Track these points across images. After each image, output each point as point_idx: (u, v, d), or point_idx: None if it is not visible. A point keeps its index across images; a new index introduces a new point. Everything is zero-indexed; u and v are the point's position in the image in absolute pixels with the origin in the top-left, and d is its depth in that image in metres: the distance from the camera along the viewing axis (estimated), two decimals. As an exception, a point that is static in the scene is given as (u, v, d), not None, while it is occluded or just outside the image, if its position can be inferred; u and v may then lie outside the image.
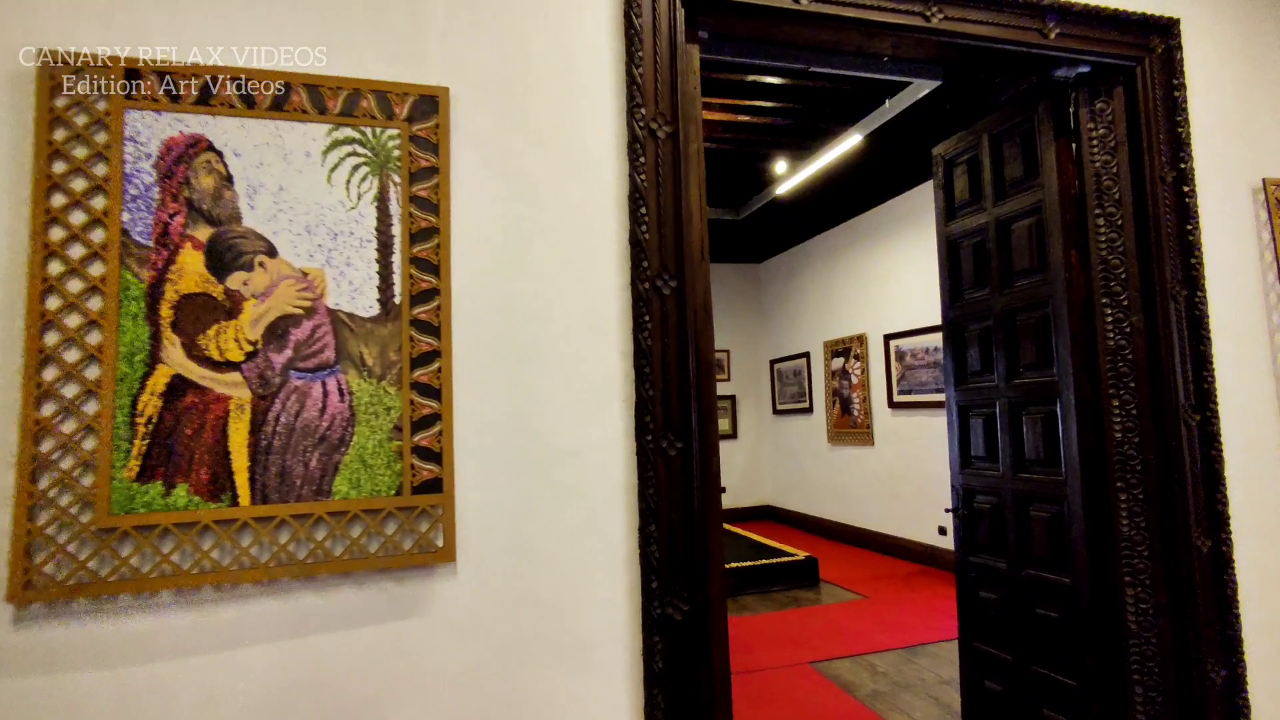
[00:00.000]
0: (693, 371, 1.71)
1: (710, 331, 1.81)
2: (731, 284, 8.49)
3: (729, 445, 8.28)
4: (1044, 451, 2.38)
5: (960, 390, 2.78)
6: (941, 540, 5.50)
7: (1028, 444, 2.45)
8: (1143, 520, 2.14)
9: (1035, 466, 2.42)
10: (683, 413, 1.70)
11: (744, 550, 5.63)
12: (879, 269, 6.30)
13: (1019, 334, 2.50)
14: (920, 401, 5.71)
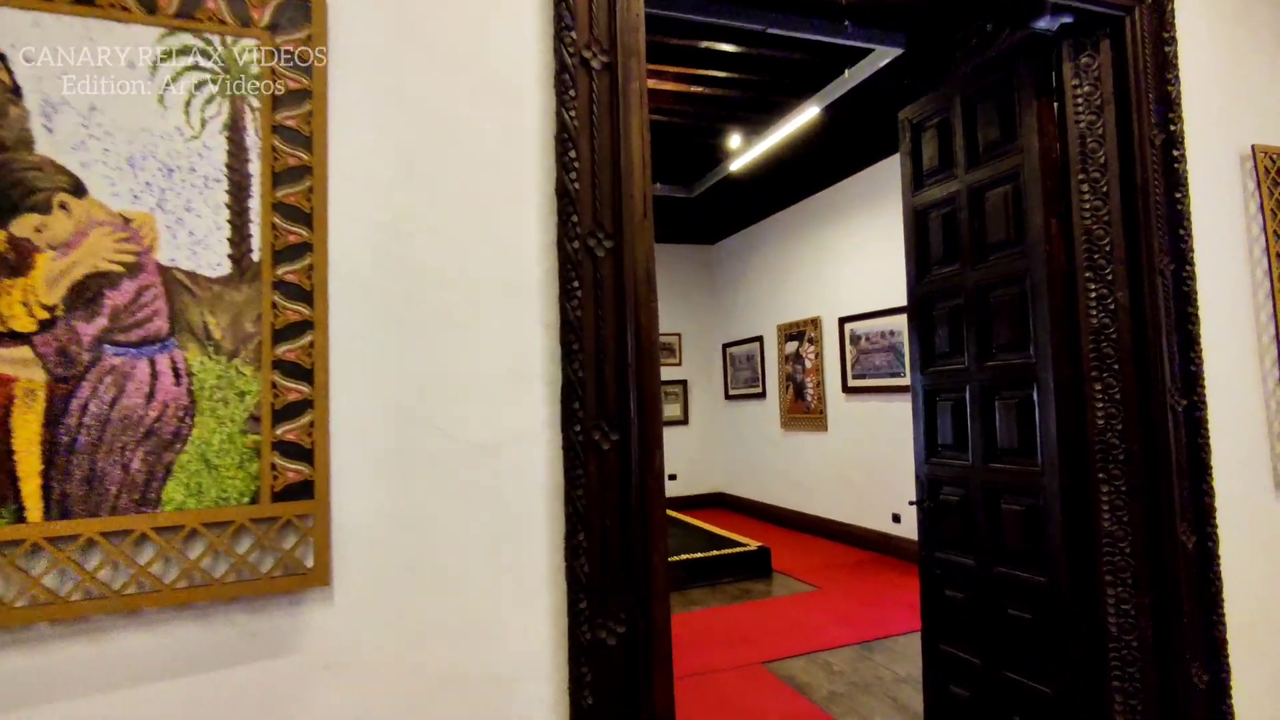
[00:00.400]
0: (632, 349, 1.44)
1: (653, 303, 1.53)
2: (684, 265, 8.25)
3: (680, 431, 8.07)
4: (1018, 440, 2.19)
5: (927, 374, 2.57)
6: (895, 528, 5.39)
7: (1000, 432, 2.25)
8: (1125, 514, 1.96)
9: (1008, 456, 2.23)
10: (620, 398, 1.42)
11: (694, 540, 5.42)
12: (834, 250, 6.13)
13: (992, 312, 2.29)
14: (874, 386, 5.58)
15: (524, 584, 1.32)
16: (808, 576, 4.96)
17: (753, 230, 7.47)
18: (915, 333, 2.64)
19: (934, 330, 2.56)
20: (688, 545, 5.28)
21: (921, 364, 2.60)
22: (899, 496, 5.35)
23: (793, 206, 6.75)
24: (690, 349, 8.19)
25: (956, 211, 2.43)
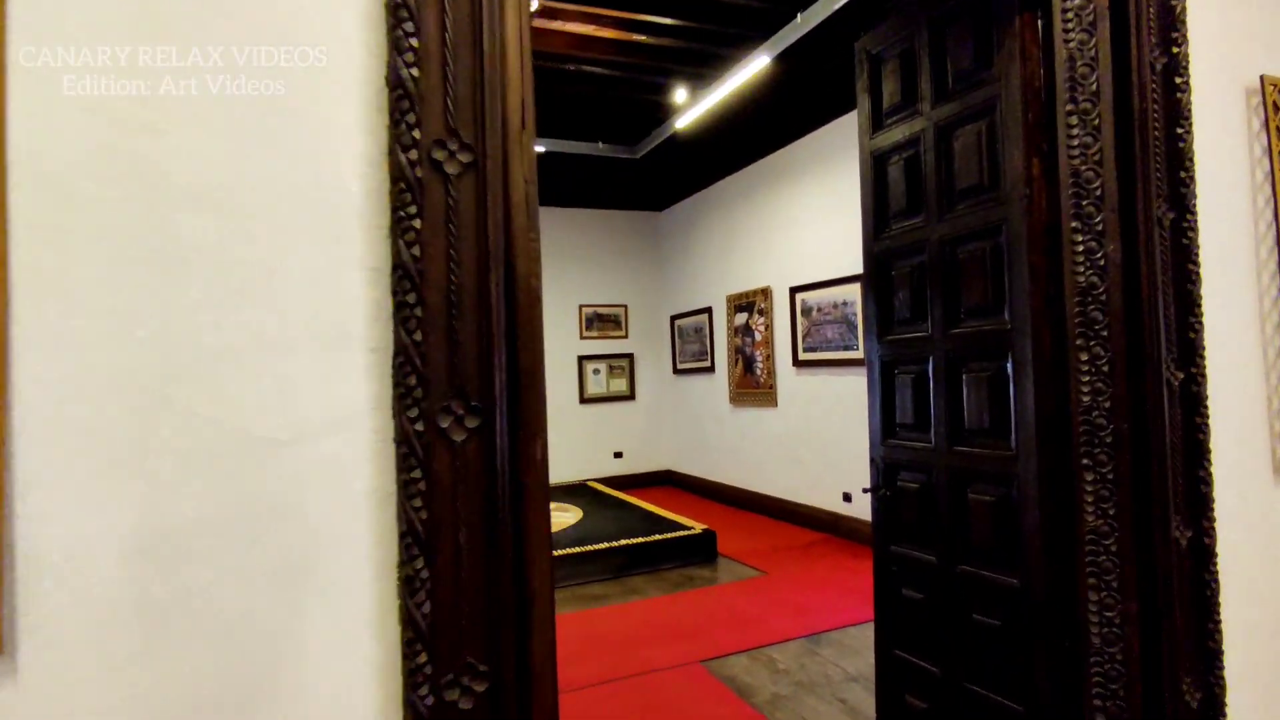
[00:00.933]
0: (499, 302, 1.05)
1: (533, 245, 1.15)
2: (630, 233, 7.84)
3: (627, 407, 7.73)
4: (990, 419, 1.88)
5: (884, 343, 2.25)
6: (846, 508, 5.16)
7: (969, 410, 1.94)
8: (1112, 507, 1.67)
9: (978, 438, 1.92)
10: (482, 370, 1.04)
11: (636, 523, 5.11)
12: (785, 216, 5.80)
13: (961, 271, 1.97)
14: (826, 360, 5.31)
15: (335, 632, 0.94)
16: (755, 561, 4.69)
17: (701, 196, 7.10)
18: (871, 296, 2.31)
19: (893, 293, 2.23)
20: (629, 529, 4.96)
21: (878, 331, 2.27)
22: (850, 475, 5.11)
23: (743, 170, 6.40)
24: (637, 321, 7.82)
25: (921, 154, 2.10)
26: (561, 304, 7.47)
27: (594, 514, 5.54)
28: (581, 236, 7.58)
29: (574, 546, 4.48)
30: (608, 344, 7.67)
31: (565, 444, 7.40)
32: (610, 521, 5.23)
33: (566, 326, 7.49)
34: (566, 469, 7.39)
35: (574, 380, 7.49)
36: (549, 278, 7.38)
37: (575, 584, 4.33)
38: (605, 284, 7.69)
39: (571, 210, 7.54)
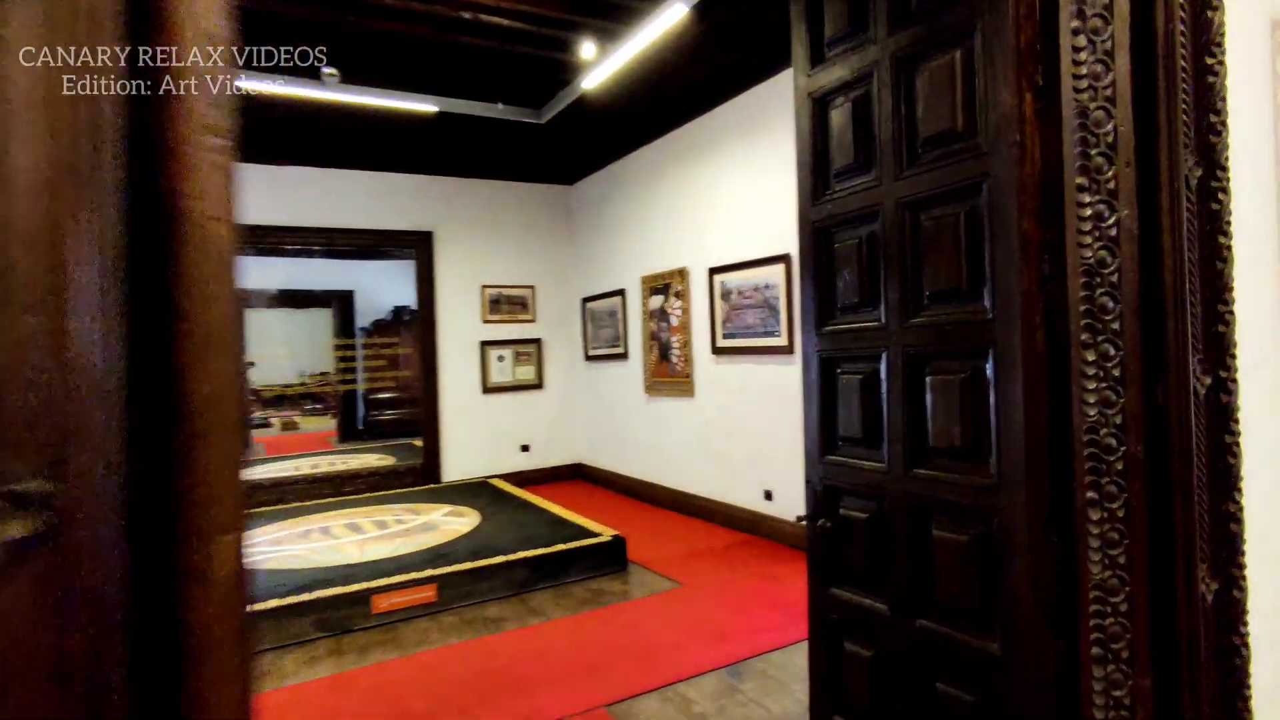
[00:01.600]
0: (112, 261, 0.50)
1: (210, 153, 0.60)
2: (538, 208, 7.22)
3: (535, 397, 7.15)
4: (963, 436, 1.46)
5: (824, 334, 1.80)
6: (767, 506, 4.80)
7: (934, 422, 1.51)
8: (1123, 554, 1.27)
9: (946, 459, 1.50)
10: (58, 415, 0.48)
11: (541, 529, 4.58)
12: (705, 191, 5.35)
13: (926, 243, 1.53)
14: (746, 347, 4.91)
15: None
16: (670, 569, 4.26)
17: (616, 168, 6.56)
18: (808, 276, 1.85)
19: (835, 272, 1.78)
20: (533, 536, 4.43)
21: (817, 320, 1.82)
22: (772, 472, 4.75)
23: (660, 140, 5.90)
24: (546, 304, 7.24)
25: (873, 94, 1.64)
26: (463, 285, 6.79)
27: (494, 518, 4.97)
28: (484, 210, 6.91)
29: (468, 561, 3.91)
30: (514, 328, 7.06)
31: (466, 438, 6.77)
32: (511, 527, 4.68)
33: (468, 309, 6.82)
34: (468, 465, 6.77)
35: (476, 368, 6.85)
36: (447, 255, 6.70)
37: (469, 605, 3.77)
38: (511, 263, 7.06)
39: (473, 181, 6.85)
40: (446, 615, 3.65)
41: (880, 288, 1.63)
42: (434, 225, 6.65)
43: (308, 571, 3.81)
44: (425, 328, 6.62)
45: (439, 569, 3.78)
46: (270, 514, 5.29)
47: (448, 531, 4.60)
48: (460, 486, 6.28)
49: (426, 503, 5.56)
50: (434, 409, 6.62)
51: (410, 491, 6.09)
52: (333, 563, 3.97)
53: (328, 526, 4.82)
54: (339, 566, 3.89)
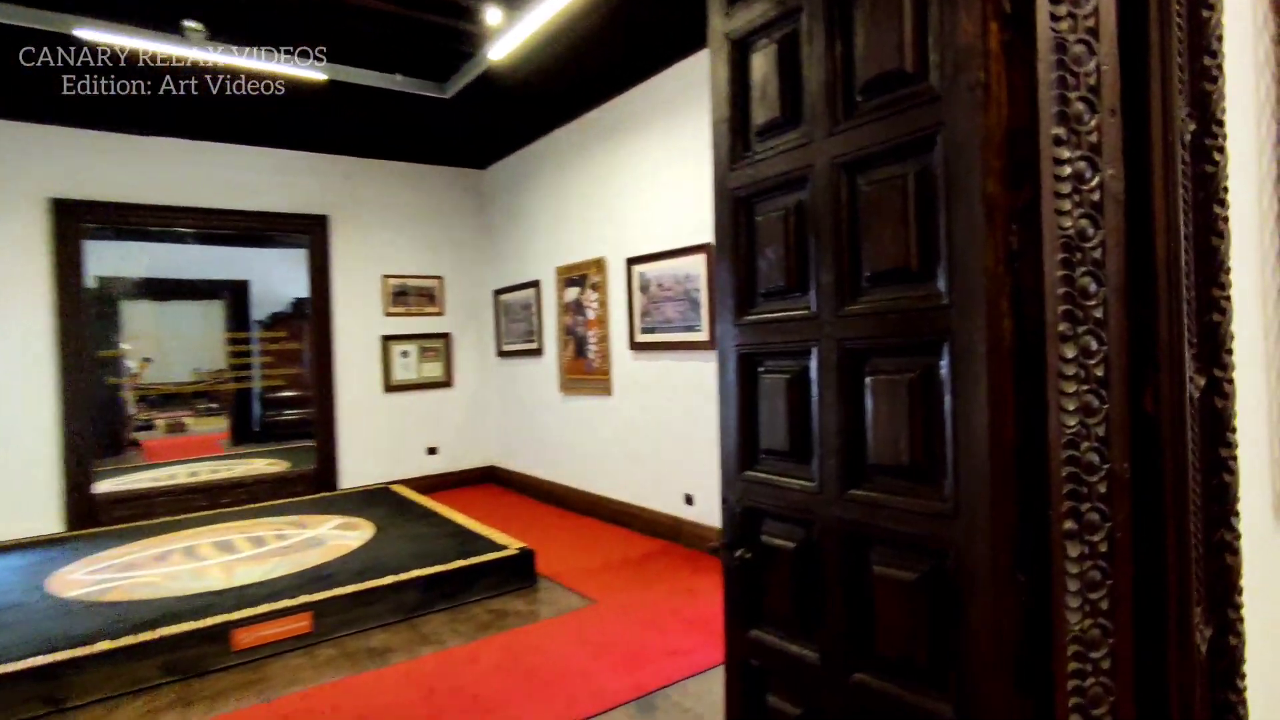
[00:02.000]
0: None
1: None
2: (447, 193, 6.73)
3: (443, 395, 6.67)
4: (912, 449, 1.18)
5: (743, 326, 1.51)
6: (688, 511, 4.54)
7: (876, 432, 1.23)
8: (1106, 597, 1.02)
9: (891, 478, 1.22)
10: None
11: (441, 542, 4.16)
12: (624, 175, 5.03)
13: (866, 212, 1.25)
14: (667, 342, 4.63)
15: None
16: (582, 584, 3.92)
17: (529, 152, 6.16)
18: (726, 256, 1.55)
19: (756, 250, 1.49)
20: (431, 551, 4.01)
21: (734, 309, 1.53)
22: (693, 475, 4.48)
23: (575, 121, 5.54)
24: (455, 296, 6.76)
25: (802, 31, 1.35)
26: (361, 274, 6.25)
27: (390, 530, 4.51)
28: (387, 194, 6.38)
29: (352, 583, 3.46)
30: (419, 322, 6.55)
31: (366, 441, 6.24)
32: (408, 541, 4.24)
33: (367, 301, 6.28)
34: (367, 470, 6.24)
35: (377, 364, 6.31)
36: (345, 241, 6.13)
37: (352, 634, 3.33)
38: (417, 252, 6.55)
39: (374, 161, 6.30)
40: (324, 648, 3.20)
41: (810, 268, 1.34)
42: (329, 208, 6.08)
43: (158, 603, 3.28)
44: (319, 320, 6.05)
45: (316, 594, 3.32)
46: (125, 533, 4.65)
47: (335, 548, 4.12)
48: (357, 495, 5.75)
49: (316, 514, 5.03)
50: (329, 410, 6.05)
51: (299, 502, 5.53)
52: (191, 590, 3.44)
53: (193, 546, 4.25)
54: (198, 595, 3.37)
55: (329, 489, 6.00)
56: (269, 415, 10.14)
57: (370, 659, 3.09)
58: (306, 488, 5.96)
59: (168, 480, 5.85)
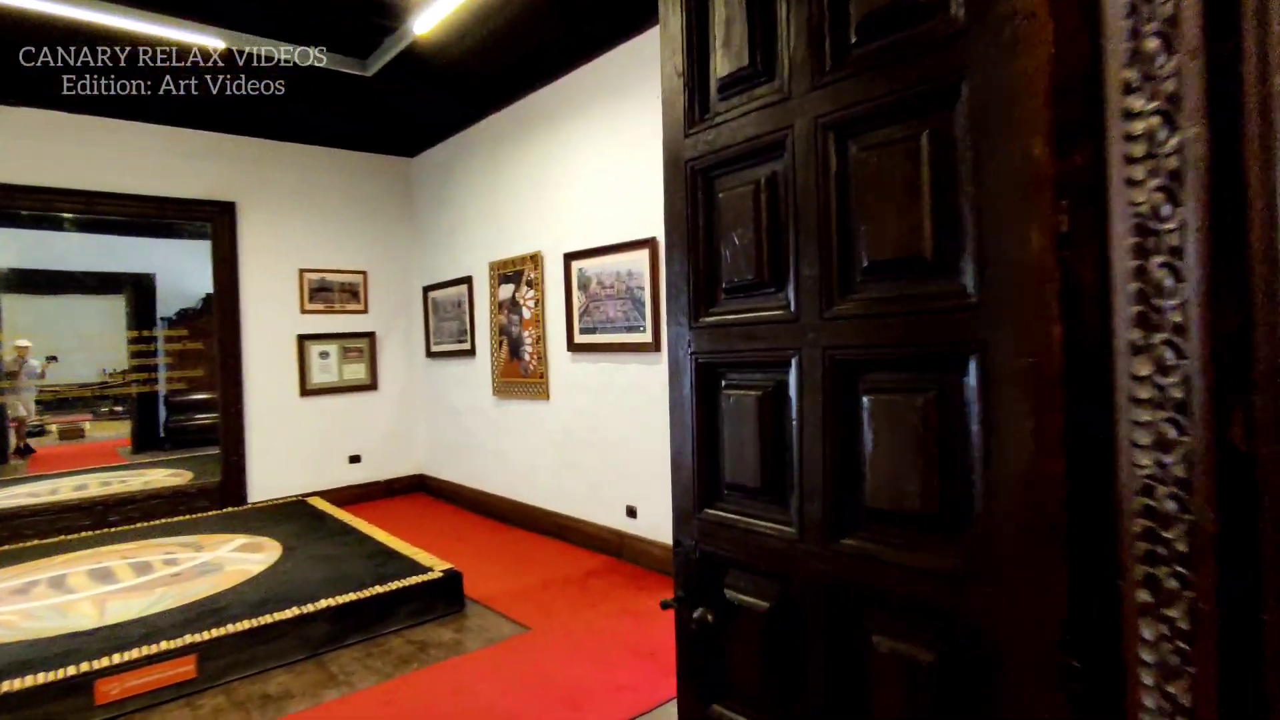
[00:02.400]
0: None
1: None
2: (373, 182, 6.25)
3: (367, 399, 6.19)
4: (922, 489, 0.91)
5: (703, 329, 1.22)
6: (631, 524, 4.24)
7: (875, 467, 0.96)
8: (1188, 690, 0.78)
9: (893, 526, 0.95)
10: None
11: (358, 564, 3.75)
12: (563, 165, 4.70)
13: (861, 185, 0.98)
14: (607, 344, 4.32)
15: None
16: (517, 609, 3.59)
17: (462, 139, 5.76)
18: (679, 242, 1.26)
19: (716, 235, 1.20)
20: (345, 575, 3.60)
21: (691, 307, 1.24)
22: (637, 485, 4.20)
23: (511, 106, 5.17)
24: (381, 292, 6.29)
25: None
26: (275, 267, 5.72)
27: (300, 551, 4.07)
28: (304, 181, 5.86)
29: (248, 618, 3.03)
30: (341, 320, 6.06)
31: (280, 449, 5.72)
32: (320, 564, 3.81)
33: (282, 297, 5.76)
34: (281, 482, 5.72)
35: (293, 366, 5.80)
36: (255, 232, 5.60)
37: (245, 678, 2.91)
38: (338, 244, 6.05)
39: (289, 145, 5.78)
40: (210, 696, 2.77)
41: (788, 257, 1.06)
42: (237, 195, 5.53)
43: (8, 649, 2.78)
44: (225, 318, 5.50)
45: (203, 633, 2.88)
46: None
47: (233, 574, 3.66)
48: (267, 509, 5.24)
49: (217, 533, 4.52)
50: (237, 416, 5.52)
51: (200, 519, 4.99)
52: (52, 631, 2.95)
53: (63, 576, 3.71)
54: (59, 637, 2.88)
55: (236, 503, 5.46)
56: (176, 420, 9.39)
57: (263, 708, 2.69)
58: (210, 502, 5.41)
59: (48, 496, 5.20)
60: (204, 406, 9.13)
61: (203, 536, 4.44)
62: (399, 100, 5.11)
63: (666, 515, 3.97)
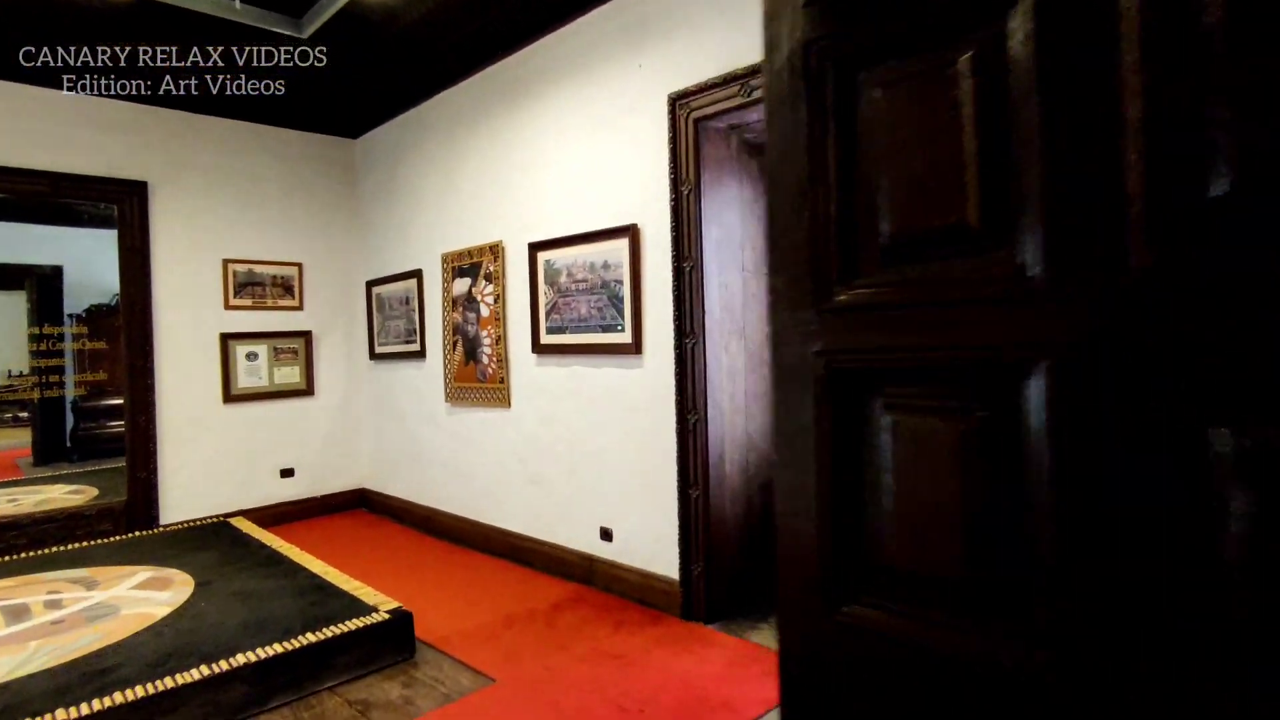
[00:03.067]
0: None
1: None
2: (308, 165, 5.61)
3: (301, 406, 5.54)
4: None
5: (834, 316, 0.75)
6: (605, 548, 3.76)
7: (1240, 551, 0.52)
8: None
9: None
10: None
11: (288, 603, 3.17)
12: (530, 145, 4.20)
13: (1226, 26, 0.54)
14: (579, 345, 3.84)
15: None
16: (478, 654, 3.06)
17: (413, 117, 5.18)
18: (792, 181, 0.80)
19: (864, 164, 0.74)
20: (272, 616, 3.01)
21: (817, 281, 0.77)
22: (611, 504, 3.72)
23: (470, 79, 4.63)
24: (317, 287, 5.64)
25: None
26: (194, 257, 5.04)
27: (219, 586, 3.45)
28: (230, 160, 5.20)
29: (144, 683, 2.44)
30: (272, 317, 5.40)
31: (199, 463, 5.04)
32: (241, 603, 3.21)
33: (202, 291, 5.08)
34: (201, 500, 5.03)
35: (215, 369, 5.12)
36: (171, 216, 4.91)
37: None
38: (270, 233, 5.40)
39: (212, 119, 5.11)
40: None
41: (1030, 188, 0.61)
42: (149, 174, 4.84)
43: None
44: (134, 313, 4.80)
45: (80, 705, 2.28)
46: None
47: (131, 619, 3.03)
48: (181, 534, 4.56)
49: (117, 563, 3.85)
50: (147, 425, 4.81)
51: (102, 546, 4.29)
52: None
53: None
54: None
55: (145, 526, 4.76)
56: (85, 428, 8.45)
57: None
58: (114, 526, 4.70)
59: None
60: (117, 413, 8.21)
61: (99, 569, 3.77)
62: (342, 73, 4.51)
63: (644, 537, 3.51)
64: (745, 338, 3.43)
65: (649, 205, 3.43)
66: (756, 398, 3.47)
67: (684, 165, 3.25)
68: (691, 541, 3.29)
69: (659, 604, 3.43)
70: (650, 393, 3.47)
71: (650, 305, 3.46)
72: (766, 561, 3.47)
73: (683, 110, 3.25)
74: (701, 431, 3.24)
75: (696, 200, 3.21)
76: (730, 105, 3.07)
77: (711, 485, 3.26)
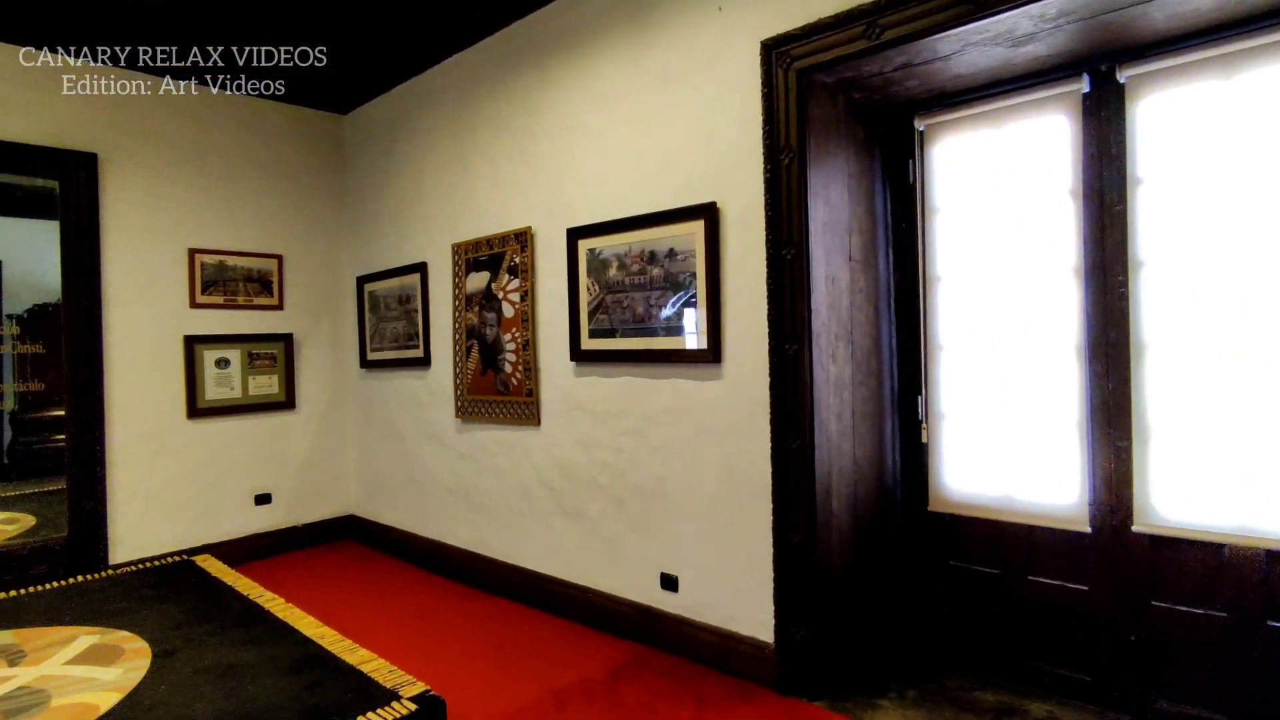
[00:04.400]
0: None
1: None
2: (290, 143, 4.87)
3: (281, 420, 4.77)
4: None
5: None
6: (666, 599, 3.10)
7: None
8: None
9: None
10: None
11: (276, 684, 2.44)
12: (561, 114, 3.53)
13: None
14: (631, 350, 3.18)
15: None
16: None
17: (415, 86, 4.47)
18: None
19: None
20: (256, 707, 2.29)
21: None
22: (674, 546, 3.06)
23: (487, 39, 3.95)
24: (301, 283, 4.89)
25: None
26: (154, 245, 4.26)
27: (184, 656, 2.69)
28: (198, 135, 4.43)
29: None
30: (247, 318, 4.63)
31: (157, 489, 4.25)
32: (212, 685, 2.46)
33: (163, 286, 4.30)
34: (158, 533, 4.24)
35: (178, 377, 4.34)
36: (126, 197, 4.13)
37: None
38: (244, 220, 4.64)
39: (178, 85, 4.34)
40: None
41: None
42: (99, 145, 4.06)
43: None
44: (77, 311, 4.00)
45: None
46: None
47: (63, 714, 2.27)
48: (136, 578, 3.76)
49: (52, 623, 3.06)
50: (92, 445, 4.02)
51: (32, 596, 3.48)
52: None
53: None
54: None
55: (91, 568, 3.95)
56: (24, 442, 7.51)
57: None
58: (52, 567, 3.89)
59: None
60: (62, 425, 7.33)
61: (27, 632, 2.98)
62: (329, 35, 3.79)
63: (721, 589, 2.85)
64: (853, 343, 2.79)
65: (732, 180, 2.79)
66: (865, 417, 2.84)
67: (783, 129, 2.61)
68: (791, 597, 2.64)
69: (744, 671, 2.77)
70: (732, 410, 2.82)
71: (733, 302, 2.81)
72: (883, 622, 2.84)
73: (781, 61, 2.62)
74: (806, 460, 2.59)
75: (800, 172, 2.58)
76: (849, 51, 2.44)
77: (818, 528, 2.61)
